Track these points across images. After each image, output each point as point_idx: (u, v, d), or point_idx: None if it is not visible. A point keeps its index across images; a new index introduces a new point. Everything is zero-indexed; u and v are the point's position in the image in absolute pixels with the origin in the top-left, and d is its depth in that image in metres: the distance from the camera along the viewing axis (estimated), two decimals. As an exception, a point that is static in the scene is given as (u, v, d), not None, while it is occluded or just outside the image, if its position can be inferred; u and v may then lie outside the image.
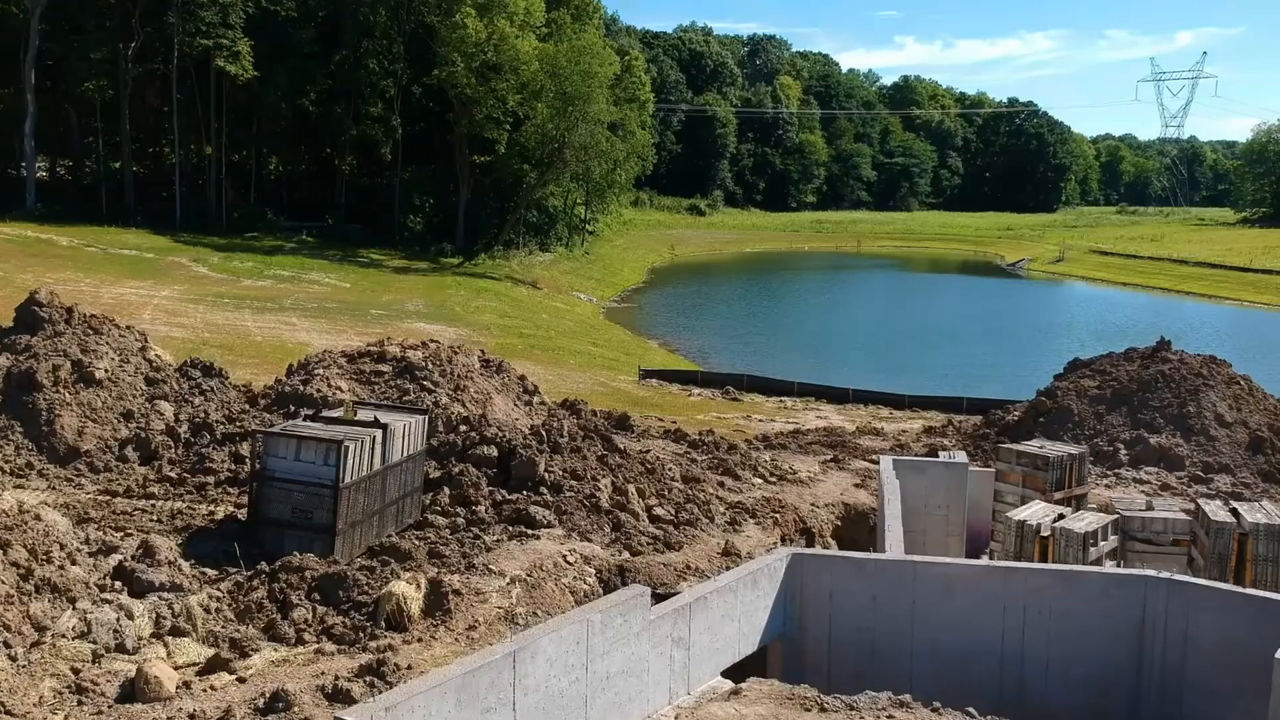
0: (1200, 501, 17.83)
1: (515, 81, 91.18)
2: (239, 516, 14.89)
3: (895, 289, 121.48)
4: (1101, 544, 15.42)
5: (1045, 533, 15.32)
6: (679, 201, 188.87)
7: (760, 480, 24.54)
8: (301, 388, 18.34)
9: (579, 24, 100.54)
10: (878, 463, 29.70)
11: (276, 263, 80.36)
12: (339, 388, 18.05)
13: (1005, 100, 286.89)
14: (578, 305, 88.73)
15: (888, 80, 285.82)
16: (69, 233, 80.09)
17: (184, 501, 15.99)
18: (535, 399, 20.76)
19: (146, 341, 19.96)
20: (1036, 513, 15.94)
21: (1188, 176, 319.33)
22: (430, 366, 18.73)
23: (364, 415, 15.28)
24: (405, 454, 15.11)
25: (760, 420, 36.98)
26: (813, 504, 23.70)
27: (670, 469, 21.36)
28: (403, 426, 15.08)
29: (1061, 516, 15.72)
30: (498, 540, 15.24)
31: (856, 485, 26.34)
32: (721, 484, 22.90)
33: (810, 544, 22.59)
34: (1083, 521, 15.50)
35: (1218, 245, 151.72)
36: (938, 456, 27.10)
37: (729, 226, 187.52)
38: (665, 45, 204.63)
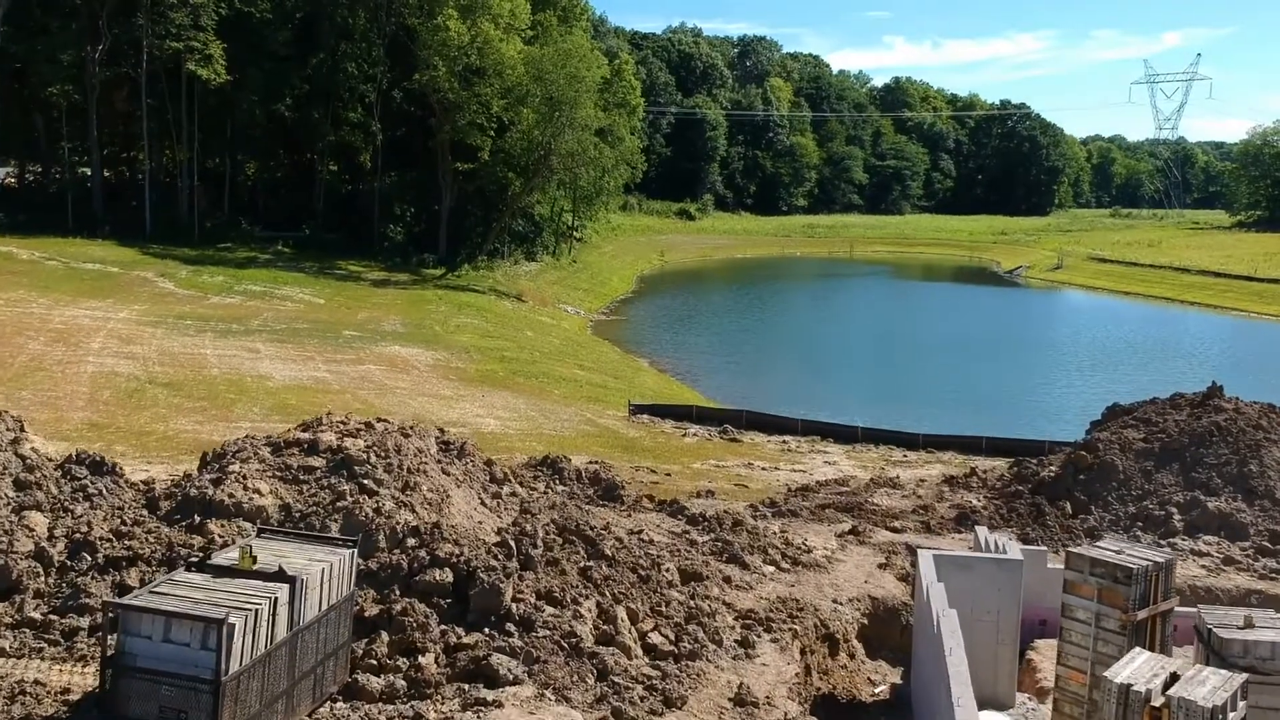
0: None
1: (499, 86, 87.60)
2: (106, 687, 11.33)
3: (892, 299, 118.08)
4: (1230, 715, 11.96)
5: (1157, 701, 11.86)
6: (668, 206, 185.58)
7: (771, 568, 21.07)
8: (211, 490, 14.68)
9: (566, 26, 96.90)
10: (901, 532, 26.33)
11: (248, 276, 76.58)
12: (257, 490, 14.47)
13: (997, 102, 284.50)
14: (564, 319, 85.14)
15: (878, 81, 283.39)
16: (31, 245, 76.32)
17: (42, 660, 12.44)
18: (505, 489, 17.13)
19: (22, 431, 16.28)
20: (1141, 671, 12.47)
21: (1181, 179, 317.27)
22: (373, 460, 15.11)
23: (272, 549, 11.74)
24: (325, 606, 11.62)
25: (763, 469, 33.47)
26: (834, 599, 20.21)
27: (667, 569, 17.83)
28: (321, 571, 11.54)
29: (1175, 677, 12.24)
30: (446, 718, 11.72)
31: (881, 566, 22.87)
32: (728, 580, 19.39)
33: (834, 653, 19.10)
34: (1205, 687, 12.03)
35: (1217, 251, 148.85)
36: (974, 532, 23.65)
37: (719, 231, 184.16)
38: (654, 46, 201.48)
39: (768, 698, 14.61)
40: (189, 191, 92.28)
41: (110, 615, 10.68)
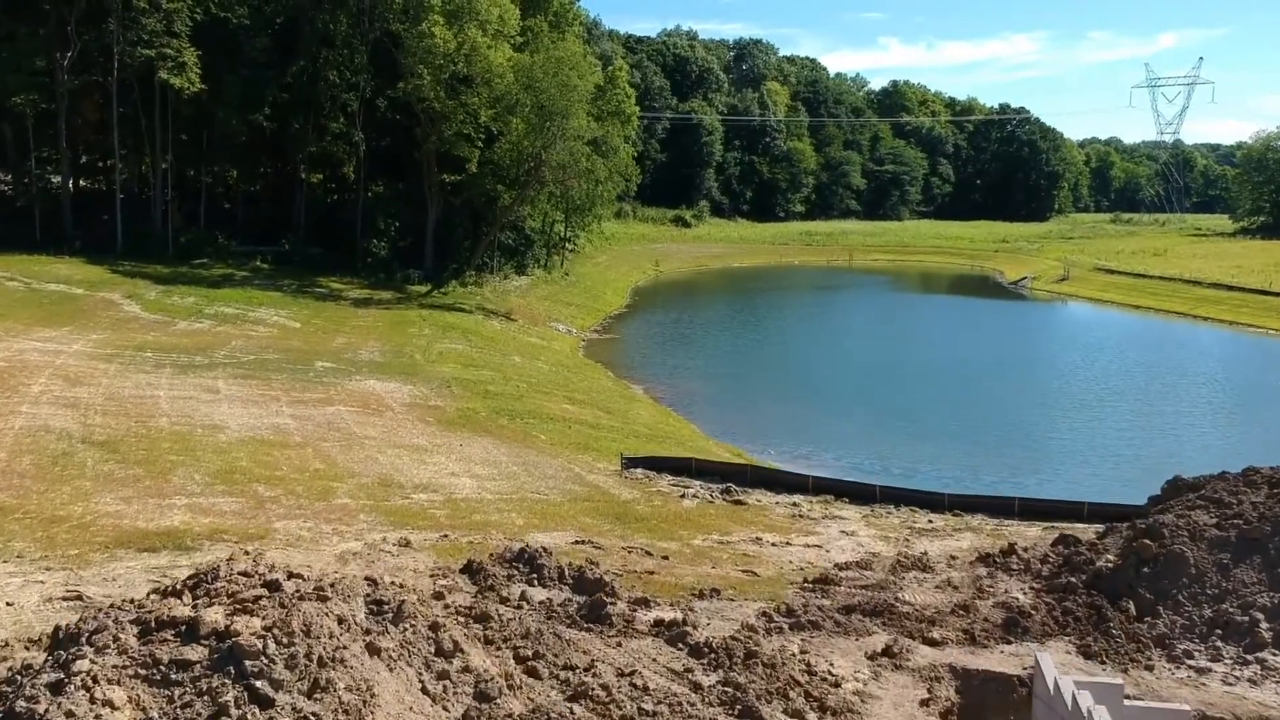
0: None
1: (488, 95, 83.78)
2: None
3: (896, 314, 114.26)
4: None
5: None
6: (664, 213, 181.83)
7: (795, 721, 17.12)
8: (45, 703, 10.63)
9: (557, 32, 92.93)
10: (941, 645, 22.40)
11: (221, 297, 72.57)
12: (109, 702, 10.48)
13: (996, 105, 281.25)
14: (555, 339, 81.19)
15: (875, 84, 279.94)
16: (-6, 262, 72.41)
17: None
18: (455, 663, 13.05)
19: None
20: None
21: (1181, 183, 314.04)
22: (271, 650, 11.06)
23: None
24: None
25: (773, 544, 29.57)
26: (876, 772, 16.29)
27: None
28: None
29: None
30: None
31: (924, 703, 19.00)
32: (742, 752, 15.47)
33: None
34: None
35: (1225, 261, 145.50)
36: (1037, 663, 19.74)
37: (715, 239, 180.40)
38: (649, 50, 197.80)
39: None
40: (163, 205, 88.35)
41: None
